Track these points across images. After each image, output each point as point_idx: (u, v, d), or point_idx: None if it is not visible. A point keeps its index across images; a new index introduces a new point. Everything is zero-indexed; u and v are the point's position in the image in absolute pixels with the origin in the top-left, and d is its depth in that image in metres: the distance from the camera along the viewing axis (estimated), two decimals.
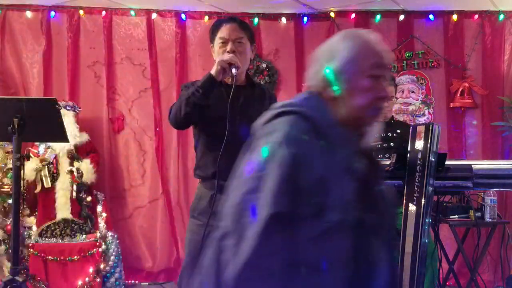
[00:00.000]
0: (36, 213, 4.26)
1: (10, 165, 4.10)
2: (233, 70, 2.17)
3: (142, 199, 4.74)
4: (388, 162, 2.20)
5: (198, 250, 2.28)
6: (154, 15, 4.66)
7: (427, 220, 2.03)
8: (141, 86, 4.70)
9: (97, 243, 4.08)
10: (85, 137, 4.39)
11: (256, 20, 4.69)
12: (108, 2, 4.52)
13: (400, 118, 4.62)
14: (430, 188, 2.03)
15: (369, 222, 1.29)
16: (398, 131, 3.45)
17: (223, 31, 2.31)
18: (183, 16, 4.68)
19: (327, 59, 1.42)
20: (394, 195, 1.46)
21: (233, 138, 2.28)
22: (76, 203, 4.24)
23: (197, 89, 2.21)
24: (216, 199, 2.32)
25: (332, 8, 4.63)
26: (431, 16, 4.62)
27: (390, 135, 3.45)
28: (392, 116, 3.57)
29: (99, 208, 4.41)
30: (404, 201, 2.11)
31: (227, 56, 2.20)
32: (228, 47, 2.28)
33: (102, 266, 4.07)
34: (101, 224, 4.34)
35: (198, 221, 2.34)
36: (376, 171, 1.49)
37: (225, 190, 2.26)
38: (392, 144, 3.38)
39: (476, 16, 4.60)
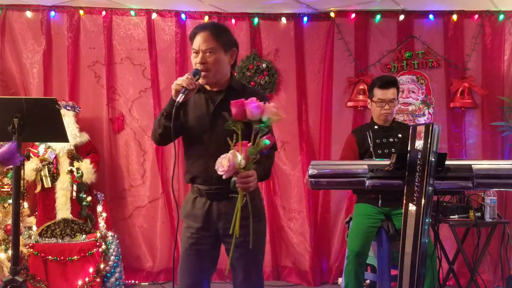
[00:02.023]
0: (36, 213, 4.26)
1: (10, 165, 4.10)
2: (179, 95, 2.20)
3: (142, 199, 4.74)
4: (388, 162, 2.20)
5: (183, 249, 2.42)
6: (154, 15, 4.66)
7: (427, 220, 2.02)
8: (141, 86, 4.71)
9: (97, 243, 4.09)
10: (85, 137, 4.39)
11: (256, 20, 4.69)
12: (108, 2, 4.52)
13: (400, 118, 4.62)
14: (430, 188, 2.03)
15: None
16: (400, 135, 3.44)
17: (196, 42, 2.35)
18: (183, 16, 4.68)
19: None
20: None
21: (208, 143, 2.34)
22: (76, 203, 4.24)
23: (162, 112, 2.31)
24: (197, 203, 2.39)
25: (332, 8, 4.63)
26: (431, 16, 4.62)
27: (392, 140, 3.44)
28: (394, 118, 3.57)
29: (99, 208, 4.41)
30: (404, 201, 2.11)
31: (179, 80, 2.24)
32: (198, 59, 2.33)
33: (102, 266, 4.07)
34: (101, 224, 4.35)
35: (185, 223, 2.46)
36: None
37: (204, 193, 2.35)
38: (393, 150, 3.38)
39: (476, 16, 4.60)
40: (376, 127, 3.50)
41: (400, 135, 3.42)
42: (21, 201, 3.18)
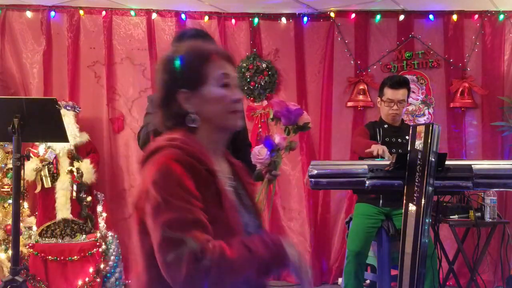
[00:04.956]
0: (36, 213, 4.26)
1: (10, 165, 4.10)
2: None
3: None
4: (388, 162, 2.20)
5: None
6: (154, 15, 4.66)
7: (427, 220, 2.03)
8: (141, 86, 4.70)
9: (97, 243, 4.08)
10: (85, 137, 4.38)
11: (256, 20, 4.69)
12: (108, 2, 4.52)
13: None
14: (430, 188, 2.03)
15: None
16: (407, 137, 3.43)
17: None
18: (183, 16, 4.68)
19: None
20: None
21: None
22: (76, 203, 4.23)
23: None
24: None
25: (332, 8, 4.63)
26: (431, 16, 4.62)
27: (400, 141, 3.43)
28: (402, 119, 3.56)
29: (99, 208, 4.40)
30: (404, 201, 2.11)
31: None
32: None
33: (102, 266, 4.07)
34: (101, 224, 4.34)
35: None
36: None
37: None
38: (400, 151, 3.37)
39: (476, 16, 4.60)
40: (386, 126, 3.48)
41: (407, 137, 3.42)
42: (21, 201, 3.18)
